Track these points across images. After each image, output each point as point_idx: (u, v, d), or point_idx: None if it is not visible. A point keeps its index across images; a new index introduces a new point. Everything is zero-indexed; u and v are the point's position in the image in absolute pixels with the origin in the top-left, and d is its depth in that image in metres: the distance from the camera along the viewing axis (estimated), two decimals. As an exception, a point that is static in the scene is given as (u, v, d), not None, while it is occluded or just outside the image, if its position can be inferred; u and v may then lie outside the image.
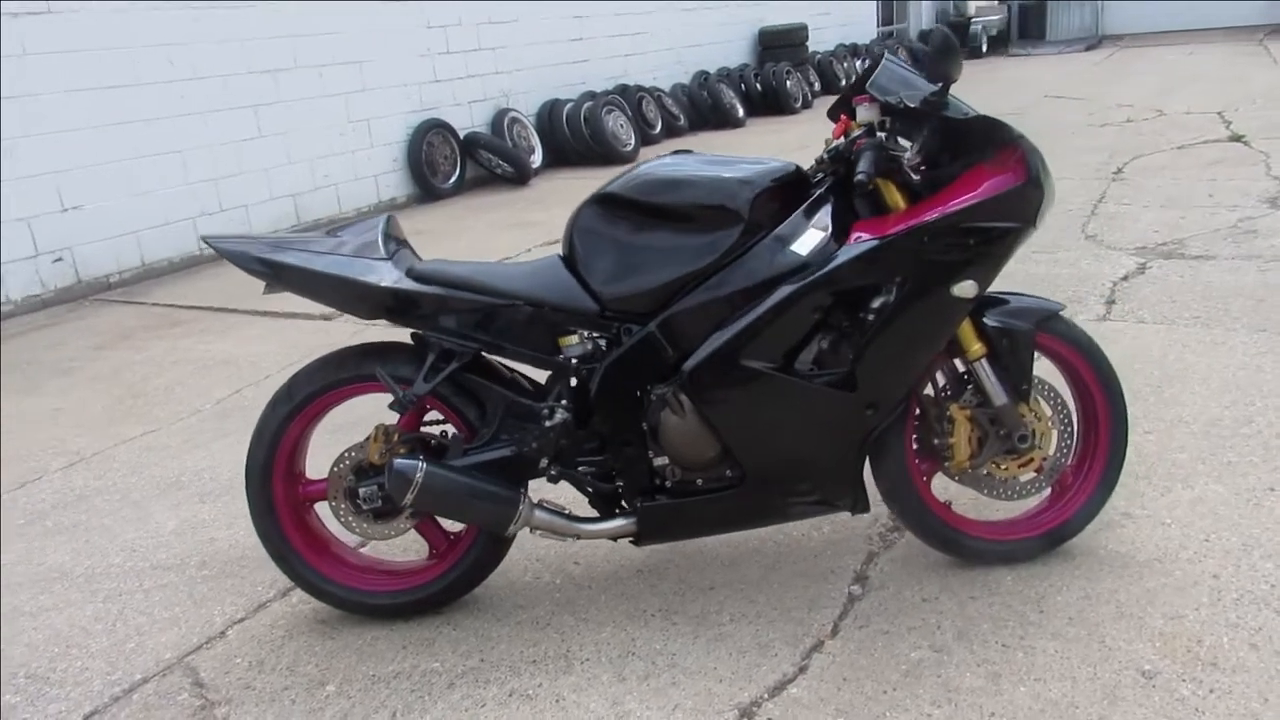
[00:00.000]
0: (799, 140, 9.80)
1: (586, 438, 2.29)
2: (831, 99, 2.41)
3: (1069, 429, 2.40)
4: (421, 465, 2.19)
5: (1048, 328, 2.33)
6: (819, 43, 14.25)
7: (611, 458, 2.29)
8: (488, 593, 2.53)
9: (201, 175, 6.75)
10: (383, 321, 2.29)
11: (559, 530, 2.32)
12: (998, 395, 2.28)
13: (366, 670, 2.27)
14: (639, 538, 2.33)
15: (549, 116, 9.65)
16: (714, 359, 2.16)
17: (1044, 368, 2.34)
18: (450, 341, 2.26)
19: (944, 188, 2.18)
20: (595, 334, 2.28)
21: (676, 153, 2.39)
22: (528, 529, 2.30)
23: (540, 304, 2.23)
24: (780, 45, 13.38)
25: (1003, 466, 2.36)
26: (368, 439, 2.31)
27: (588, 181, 9.10)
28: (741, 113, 11.73)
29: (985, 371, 2.28)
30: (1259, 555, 2.38)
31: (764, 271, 2.15)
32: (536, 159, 9.43)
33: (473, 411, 2.32)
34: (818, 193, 2.23)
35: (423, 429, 2.36)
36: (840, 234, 2.17)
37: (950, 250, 2.14)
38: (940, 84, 2.12)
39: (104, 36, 6.07)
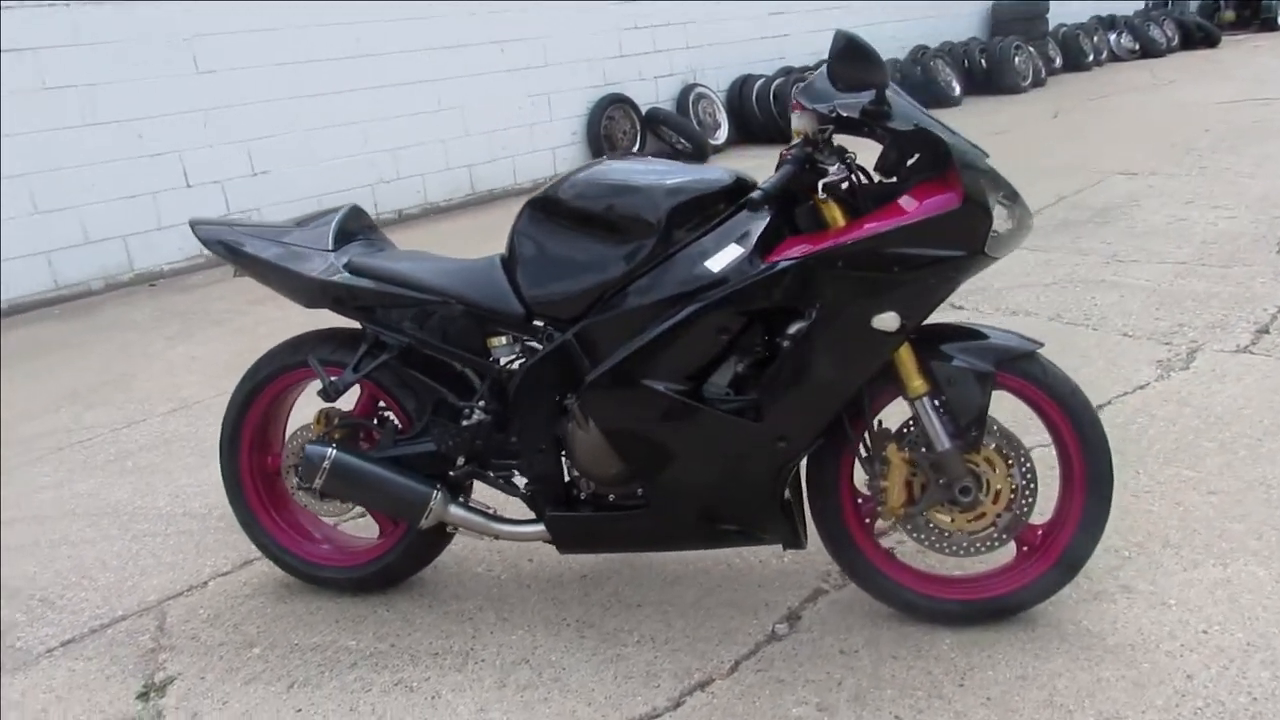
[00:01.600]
0: (1010, 121, 9.11)
1: (504, 441, 2.28)
2: (1070, 76, 2.21)
3: (1030, 484, 2.12)
4: (330, 452, 2.27)
5: (1016, 369, 2.07)
6: (1067, 15, 13.07)
7: (526, 464, 2.27)
8: (437, 578, 2.59)
9: (381, 145, 7.22)
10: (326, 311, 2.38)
11: (476, 529, 2.33)
12: (939, 439, 2.06)
13: (293, 638, 2.40)
14: (557, 545, 2.31)
15: (739, 93, 9.53)
16: (612, 374, 2.08)
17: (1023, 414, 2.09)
18: (384, 334, 2.32)
19: (881, 207, 1.97)
20: (523, 338, 2.26)
21: (630, 154, 2.32)
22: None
23: (470, 303, 2.24)
24: (1016, 18, 12.42)
25: (948, 518, 2.13)
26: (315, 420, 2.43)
27: (765, 160, 8.95)
28: (958, 91, 11.04)
29: (927, 412, 2.06)
30: (1258, 660, 2.01)
31: (673, 287, 2.04)
32: (721, 135, 9.34)
33: (410, 403, 2.37)
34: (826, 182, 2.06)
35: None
36: (768, 251, 2.02)
37: (870, 277, 1.94)
38: (874, 90, 1.92)
39: (294, 15, 6.61)
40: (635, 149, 8.77)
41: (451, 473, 2.31)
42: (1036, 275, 4.67)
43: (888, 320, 1.94)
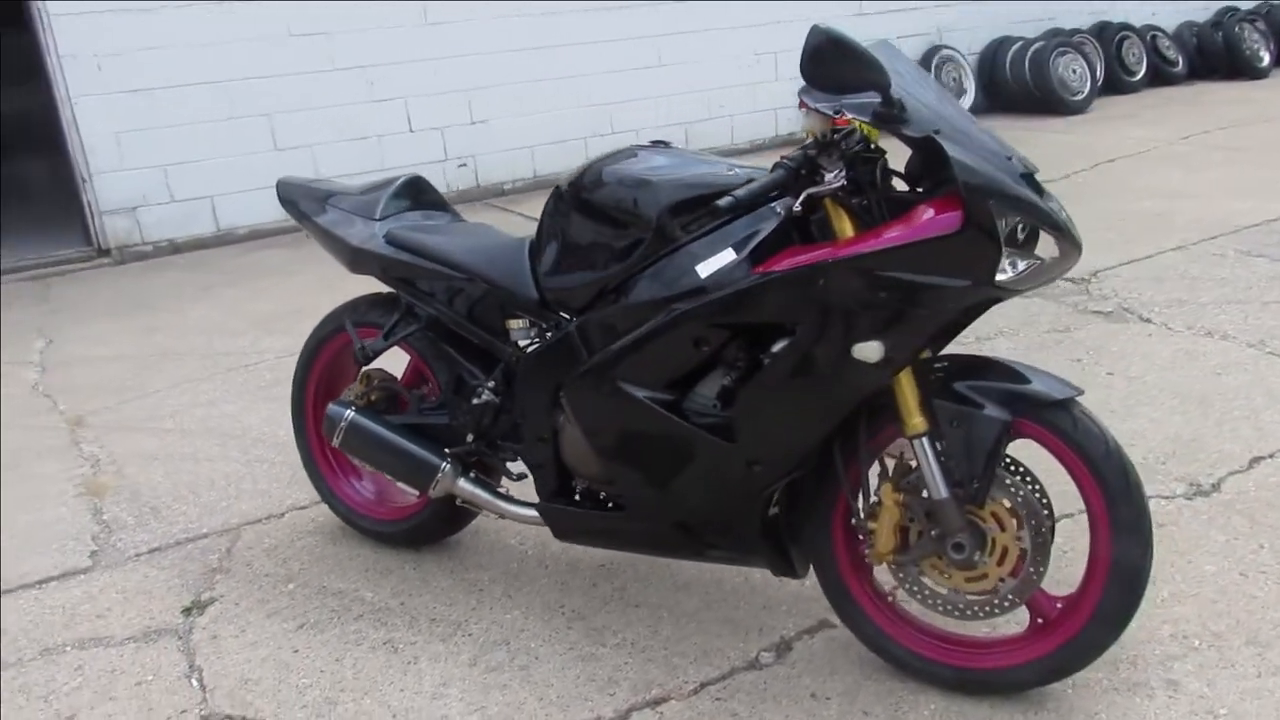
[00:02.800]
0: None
1: (509, 424, 2.29)
2: None
3: (1045, 547, 1.84)
4: (348, 413, 2.37)
5: (1041, 418, 1.80)
6: None
7: (527, 450, 2.26)
8: (474, 542, 2.66)
9: (598, 99, 7.33)
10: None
11: (481, 505, 2.36)
12: (937, 487, 1.83)
13: (323, 581, 2.56)
14: (554, 533, 2.29)
15: (993, 57, 8.79)
16: (592, 373, 2.02)
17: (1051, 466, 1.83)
18: (416, 305, 2.38)
19: (894, 219, 1.77)
20: (539, 323, 2.24)
21: (655, 143, 2.21)
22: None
23: (492, 283, 2.25)
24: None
25: (944, 574, 1.90)
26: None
27: (1014, 132, 8.22)
28: (1266, 61, 9.58)
29: (925, 454, 1.84)
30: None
31: (661, 289, 1.94)
32: (965, 103, 8.67)
33: (443, 375, 2.42)
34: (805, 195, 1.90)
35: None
36: (764, 260, 1.86)
37: (854, 301, 1.74)
38: (879, 92, 1.70)
39: (520, -31, 6.82)
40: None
41: (460, 448, 2.35)
42: (1258, 290, 4.01)
43: (870, 350, 1.74)
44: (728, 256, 1.88)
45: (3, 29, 7.79)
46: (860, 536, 1.95)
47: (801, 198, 1.76)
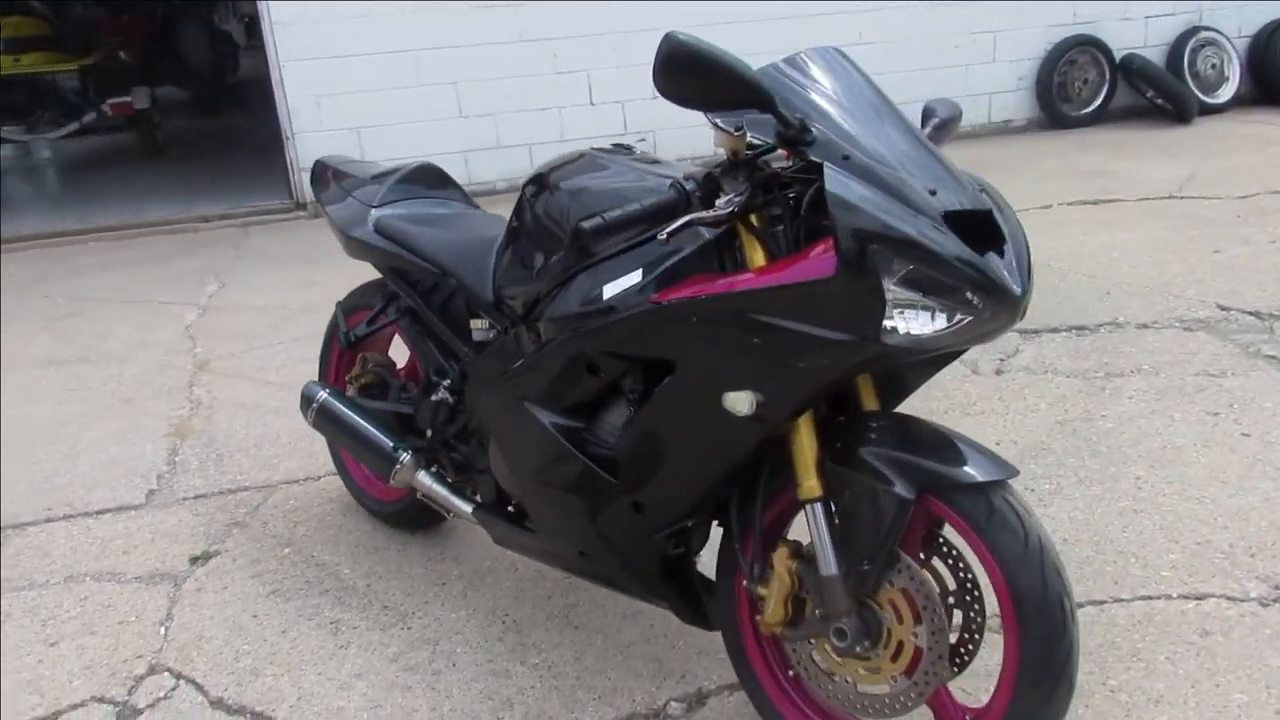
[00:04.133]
0: None
1: (463, 424, 2.24)
2: None
3: (940, 648, 1.57)
4: (321, 394, 2.41)
5: (955, 501, 1.53)
6: None
7: (470, 451, 2.21)
8: (463, 533, 2.66)
9: (788, 77, 7.04)
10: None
11: (436, 500, 2.33)
12: (826, 561, 1.61)
13: (315, 552, 2.65)
14: (492, 539, 2.24)
15: (1266, 41, 7.62)
16: (502, 386, 1.93)
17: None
18: (399, 294, 2.38)
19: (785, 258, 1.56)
20: (495, 325, 2.17)
21: (617, 146, 2.06)
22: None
23: (459, 279, 2.21)
24: None
25: (837, 659, 1.67)
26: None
27: (1271, 129, 7.10)
28: None
29: (817, 523, 1.62)
30: None
31: (571, 306, 1.81)
32: (1225, 93, 7.59)
33: (422, 366, 2.42)
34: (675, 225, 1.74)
35: None
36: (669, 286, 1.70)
37: (726, 344, 1.55)
38: (761, 109, 1.49)
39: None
40: (1099, 102, 7.51)
41: (421, 443, 2.33)
42: None
43: (739, 401, 1.54)
44: (634, 279, 1.73)
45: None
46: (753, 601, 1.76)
47: (677, 225, 1.57)
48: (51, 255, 5.94)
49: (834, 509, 1.61)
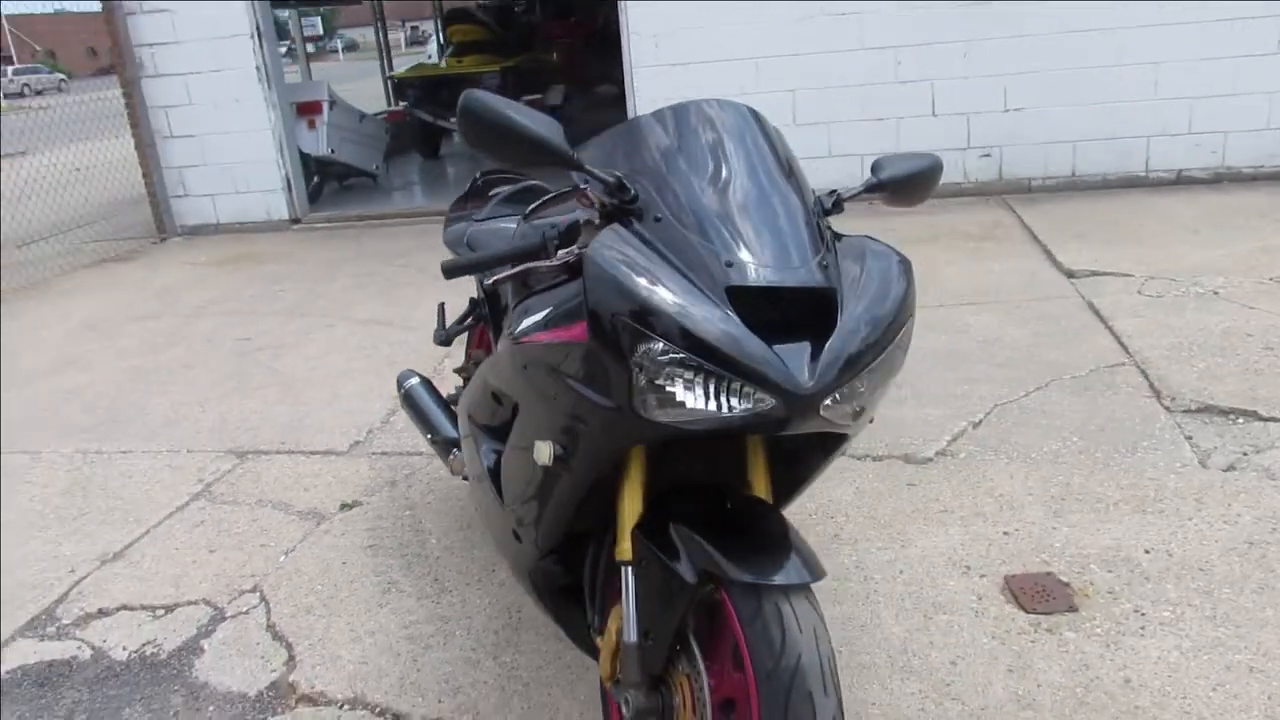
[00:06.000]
0: None
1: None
2: None
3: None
4: (409, 382, 2.70)
5: (732, 593, 1.44)
6: None
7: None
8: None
9: (1176, 92, 6.10)
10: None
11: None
12: (627, 628, 1.57)
13: (424, 518, 2.99)
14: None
15: None
16: (464, 395, 2.08)
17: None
18: (481, 301, 2.61)
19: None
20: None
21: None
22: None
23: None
24: None
25: (647, 727, 1.62)
26: (476, 356, 2.87)
27: None
28: None
29: (626, 587, 1.58)
30: None
31: (506, 332, 1.92)
32: None
33: (494, 366, 2.63)
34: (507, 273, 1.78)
35: None
36: None
37: (540, 393, 1.58)
38: (565, 166, 1.49)
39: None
40: None
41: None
42: None
43: (542, 450, 1.56)
44: (537, 317, 1.79)
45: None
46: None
47: (508, 273, 1.61)
48: (430, 230, 7.02)
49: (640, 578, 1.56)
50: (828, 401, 1.37)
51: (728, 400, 1.35)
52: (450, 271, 1.69)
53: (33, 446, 3.79)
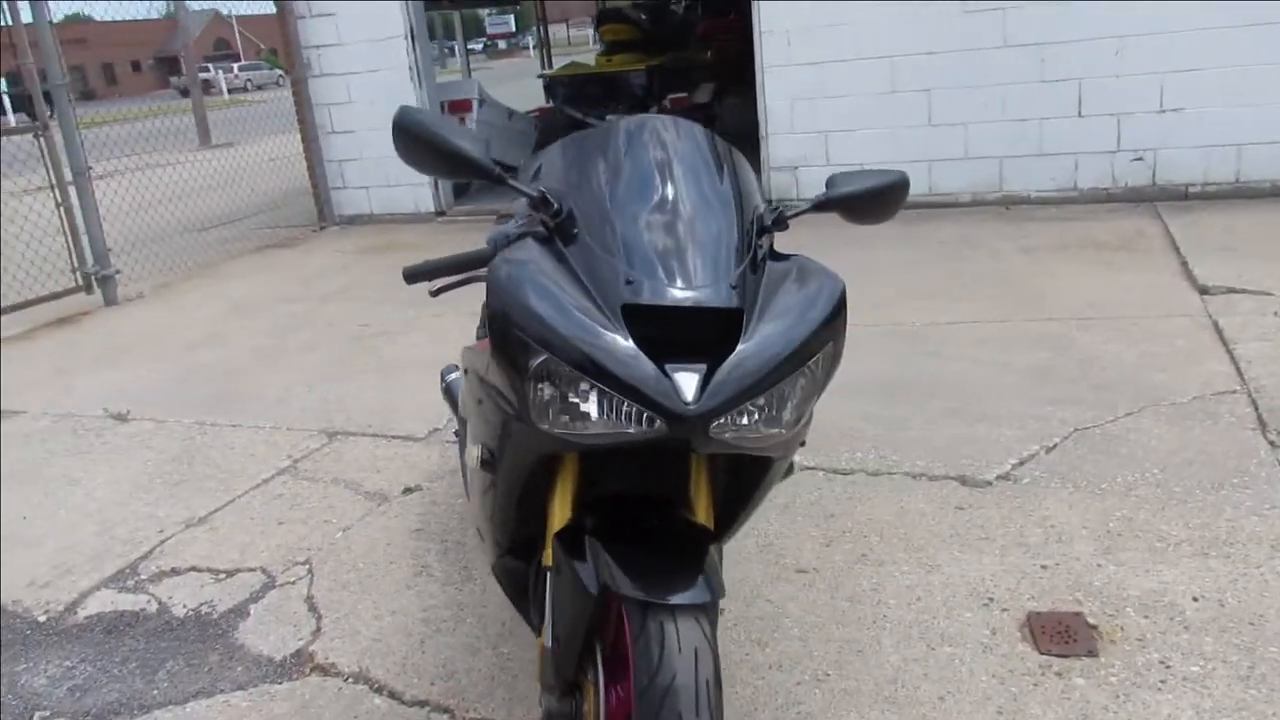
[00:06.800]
0: None
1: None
2: None
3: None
4: (451, 375, 2.81)
5: (627, 606, 1.45)
6: None
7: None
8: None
9: (1360, 90, 5.50)
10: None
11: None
12: (546, 632, 1.61)
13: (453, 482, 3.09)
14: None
15: None
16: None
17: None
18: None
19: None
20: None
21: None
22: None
23: None
24: None
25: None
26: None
27: None
28: None
29: (549, 592, 1.62)
30: None
31: None
32: None
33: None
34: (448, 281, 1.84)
35: None
36: None
37: (473, 394, 1.64)
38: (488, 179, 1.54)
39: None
40: None
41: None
42: None
43: (473, 451, 1.61)
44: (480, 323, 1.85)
45: None
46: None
47: (450, 281, 1.66)
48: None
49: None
50: (720, 423, 1.36)
51: (617, 417, 1.36)
52: (409, 276, 1.76)
53: (160, 415, 4.17)
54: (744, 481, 1.66)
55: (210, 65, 42.17)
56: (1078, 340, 3.93)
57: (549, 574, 1.60)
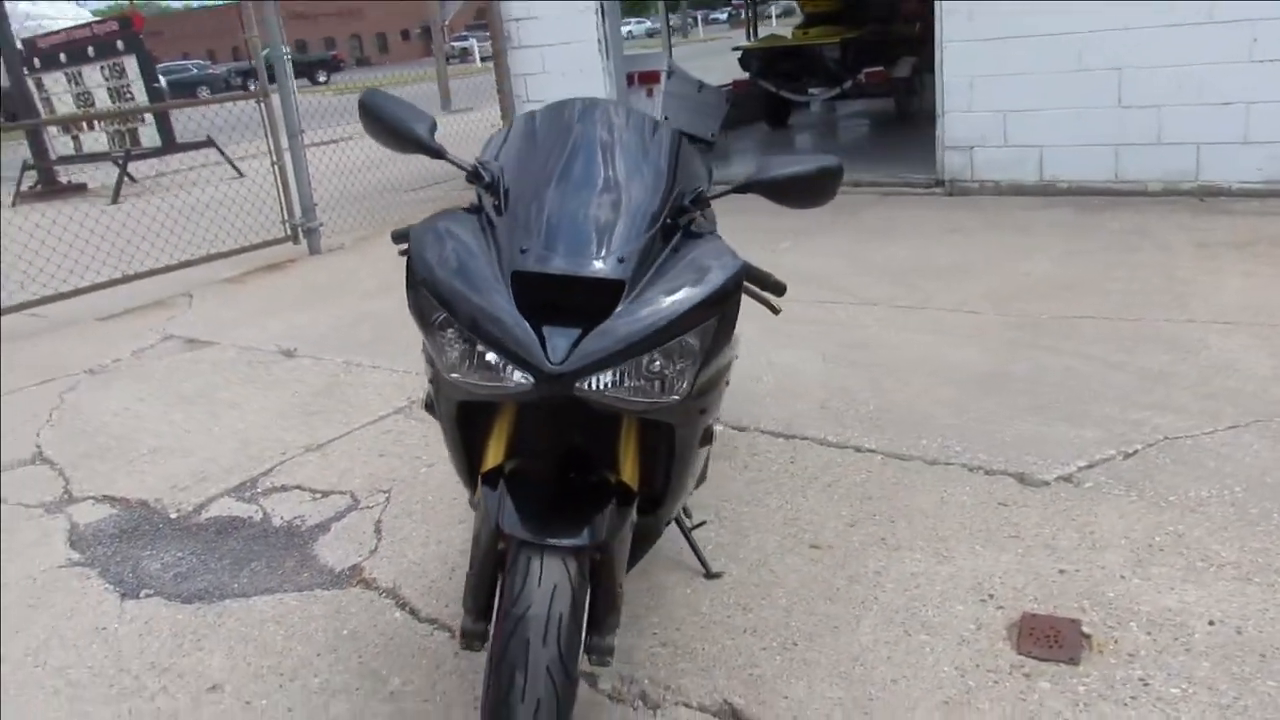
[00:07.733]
0: None
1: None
2: None
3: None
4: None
5: (511, 547, 1.63)
6: None
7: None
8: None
9: None
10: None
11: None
12: (471, 560, 1.80)
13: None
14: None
15: None
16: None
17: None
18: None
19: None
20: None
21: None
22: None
23: None
24: None
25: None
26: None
27: None
28: None
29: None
30: None
31: None
32: None
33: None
34: None
35: None
36: None
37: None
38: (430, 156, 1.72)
39: None
40: None
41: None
42: None
43: (423, 395, 1.81)
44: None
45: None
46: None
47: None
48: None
49: None
50: (588, 384, 1.49)
51: (502, 372, 1.52)
52: (395, 237, 1.98)
53: (319, 354, 4.68)
54: (668, 450, 1.77)
55: (467, 34, 44.67)
56: (1212, 345, 3.64)
57: (475, 510, 1.78)
